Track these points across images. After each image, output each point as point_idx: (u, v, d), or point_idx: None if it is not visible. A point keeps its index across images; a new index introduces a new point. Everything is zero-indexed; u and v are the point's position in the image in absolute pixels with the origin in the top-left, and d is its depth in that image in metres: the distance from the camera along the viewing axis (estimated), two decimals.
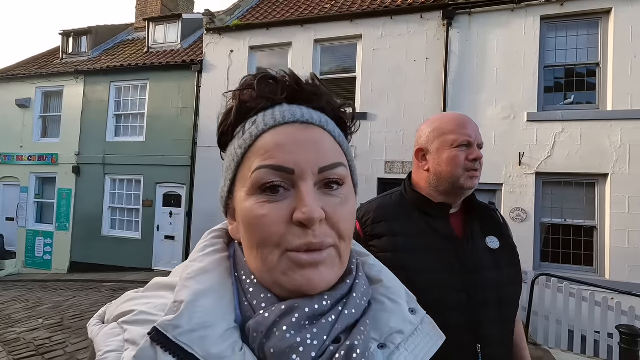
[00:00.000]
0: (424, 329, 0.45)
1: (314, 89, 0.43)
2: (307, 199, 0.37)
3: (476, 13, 6.46)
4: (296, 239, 0.37)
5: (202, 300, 0.37)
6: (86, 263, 9.11)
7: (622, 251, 5.54)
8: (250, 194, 0.39)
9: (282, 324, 0.36)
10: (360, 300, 0.42)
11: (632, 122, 5.60)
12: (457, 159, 1.00)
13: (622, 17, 5.73)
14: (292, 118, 0.40)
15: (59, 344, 4.15)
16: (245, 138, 0.40)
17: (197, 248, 0.45)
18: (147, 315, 0.38)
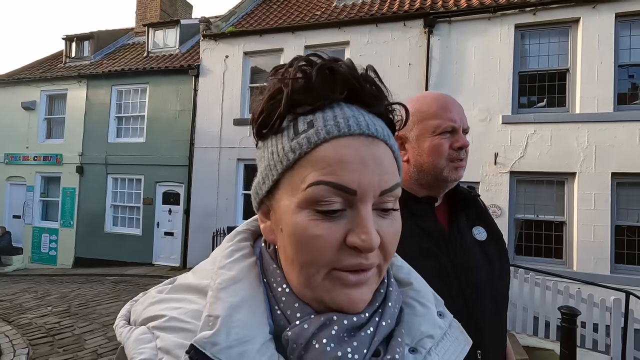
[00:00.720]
0: (452, 334, 0.45)
1: (375, 89, 0.39)
2: (368, 225, 0.35)
3: (455, 21, 6.87)
4: (347, 259, 0.35)
5: (237, 314, 0.36)
6: (90, 258, 9.57)
7: (588, 244, 5.96)
8: (302, 207, 0.36)
9: (321, 337, 0.35)
10: (394, 308, 0.41)
11: (598, 125, 6.00)
12: (441, 148, 0.88)
13: (589, 26, 6.12)
14: (357, 130, 0.36)
15: (67, 327, 4.60)
16: (301, 142, 0.36)
17: (224, 252, 0.42)
18: (179, 322, 0.37)
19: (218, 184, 8.41)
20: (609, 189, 5.92)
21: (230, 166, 8.37)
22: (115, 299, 6.00)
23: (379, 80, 0.40)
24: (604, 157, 5.97)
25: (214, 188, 8.43)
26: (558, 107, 6.38)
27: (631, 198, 5.95)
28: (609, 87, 5.99)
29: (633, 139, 5.85)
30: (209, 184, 8.47)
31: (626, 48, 6.06)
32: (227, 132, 8.41)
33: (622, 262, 5.93)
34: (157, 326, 0.38)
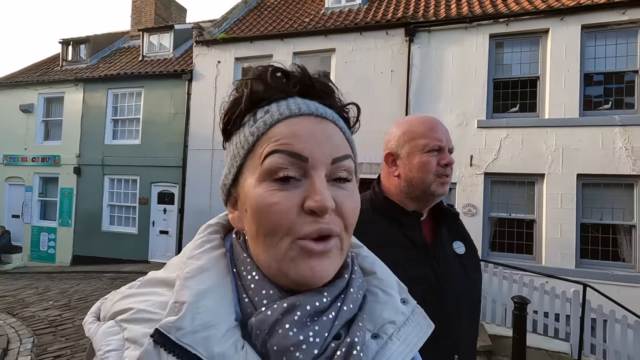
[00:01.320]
0: (414, 319, 0.46)
1: (324, 86, 0.43)
2: (320, 187, 0.37)
3: (434, 31, 7.25)
4: (307, 226, 0.37)
5: (203, 300, 0.37)
6: (87, 256, 9.91)
7: (555, 241, 6.39)
8: (261, 180, 0.39)
9: (284, 322, 0.36)
10: (357, 295, 0.43)
11: (565, 129, 6.42)
12: (429, 165, 0.97)
13: (558, 36, 6.53)
14: (307, 110, 0.40)
15: (68, 319, 4.97)
16: (258, 126, 0.40)
17: (193, 244, 0.44)
18: (146, 314, 0.39)
19: (211, 185, 8.78)
20: (574, 189, 6.35)
21: (223, 167, 8.72)
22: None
23: (330, 81, 0.44)
24: (570, 160, 6.39)
25: (207, 188, 8.79)
26: (529, 113, 6.79)
27: (595, 197, 6.38)
28: (575, 94, 6.41)
29: (596, 143, 6.27)
30: (202, 185, 8.83)
31: (591, 57, 6.48)
32: (220, 134, 8.54)
33: (587, 257, 6.37)
34: (124, 319, 0.39)
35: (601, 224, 6.33)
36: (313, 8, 9.69)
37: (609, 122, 6.23)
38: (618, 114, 6.24)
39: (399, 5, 8.33)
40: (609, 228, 6.30)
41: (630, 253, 6.18)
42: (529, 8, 6.79)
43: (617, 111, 6.30)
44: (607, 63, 6.42)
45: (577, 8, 6.42)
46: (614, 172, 6.19)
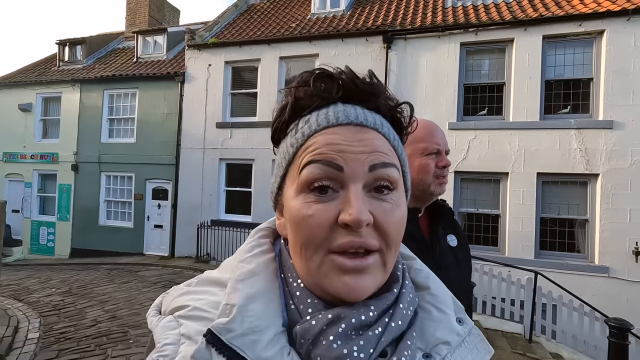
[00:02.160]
0: (471, 341, 0.44)
1: (370, 87, 0.42)
2: (355, 200, 0.36)
3: (410, 38, 7.78)
4: (339, 239, 0.36)
5: (252, 304, 0.38)
6: (85, 249, 10.41)
7: (517, 234, 6.99)
8: (298, 191, 0.39)
9: (329, 333, 0.36)
10: (407, 311, 0.41)
11: (526, 131, 6.99)
12: (428, 167, 1.02)
13: (521, 45, 7.08)
14: (345, 120, 0.40)
15: (70, 304, 5.49)
16: (297, 137, 0.40)
17: (245, 247, 0.45)
18: (200, 312, 0.40)
19: (202, 181, 9.29)
20: (534, 187, 6.94)
21: (213, 165, 9.25)
22: (110, 282, 6.90)
23: (377, 79, 0.43)
24: (531, 159, 6.97)
25: (199, 185, 9.30)
26: (495, 116, 7.35)
27: (553, 194, 6.97)
28: (537, 99, 6.97)
29: (555, 144, 6.85)
30: (194, 181, 9.34)
31: (552, 65, 7.04)
32: (211, 134, 9.26)
33: (545, 249, 6.98)
34: (181, 315, 0.41)
35: (558, 218, 6.93)
36: (300, 13, 10.16)
37: (565, 125, 6.80)
38: (574, 118, 6.82)
39: (379, 13, 8.83)
40: (565, 222, 6.90)
41: (583, 245, 6.79)
42: (496, 19, 7.33)
43: (574, 115, 6.88)
44: (565, 71, 6.99)
45: (539, 20, 6.96)
46: (570, 171, 6.78)
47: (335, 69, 0.42)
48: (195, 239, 8.95)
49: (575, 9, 6.99)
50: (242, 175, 9.13)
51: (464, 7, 8.21)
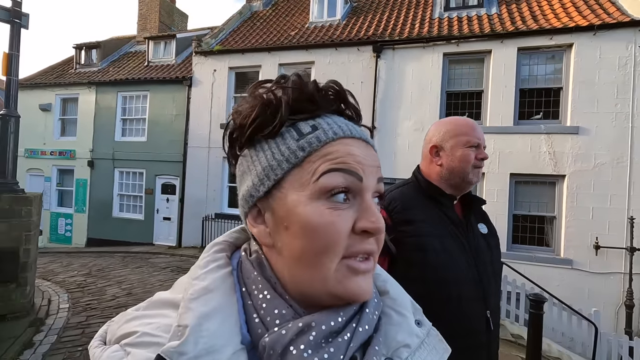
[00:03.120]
0: (430, 342, 0.45)
1: (356, 108, 0.45)
2: (374, 209, 0.39)
3: (398, 48, 8.45)
4: (356, 245, 0.38)
5: (206, 323, 0.36)
6: (100, 239, 11.32)
7: None
8: (314, 198, 0.38)
9: (299, 343, 0.35)
10: (372, 315, 0.42)
11: (501, 135, 7.65)
12: (469, 157, 1.14)
13: (498, 56, 7.72)
14: (357, 134, 0.42)
15: (92, 283, 6.34)
16: (310, 141, 0.39)
17: (199, 263, 0.43)
18: (150, 337, 0.38)
19: (207, 178, 10.10)
20: (507, 186, 7.61)
21: (218, 163, 10.04)
22: (125, 267, 7.75)
23: (356, 102, 0.45)
24: (505, 161, 7.63)
25: (204, 181, 10.11)
26: (475, 120, 7.99)
27: (524, 193, 7.64)
28: (511, 106, 7.62)
29: (526, 147, 7.50)
30: (200, 178, 10.15)
31: (525, 75, 7.67)
32: (215, 134, 10.05)
33: (517, 243, 7.65)
34: (129, 343, 0.39)
35: (529, 215, 7.60)
36: (299, 21, 10.87)
37: (536, 130, 7.45)
38: (544, 123, 7.46)
39: (372, 23, 9.51)
40: (535, 218, 7.57)
41: (551, 239, 7.45)
42: (476, 31, 7.97)
43: (544, 121, 7.52)
44: (537, 80, 7.62)
45: (515, 33, 7.59)
46: (540, 172, 7.43)
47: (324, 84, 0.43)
48: (200, 230, 9.78)
49: (549, 22, 7.61)
50: None
51: (449, 18, 8.85)
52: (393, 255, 1.07)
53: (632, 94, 6.89)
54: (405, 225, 1.10)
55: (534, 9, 8.36)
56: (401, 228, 1.09)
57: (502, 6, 8.77)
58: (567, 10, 7.92)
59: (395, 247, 1.06)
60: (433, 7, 9.53)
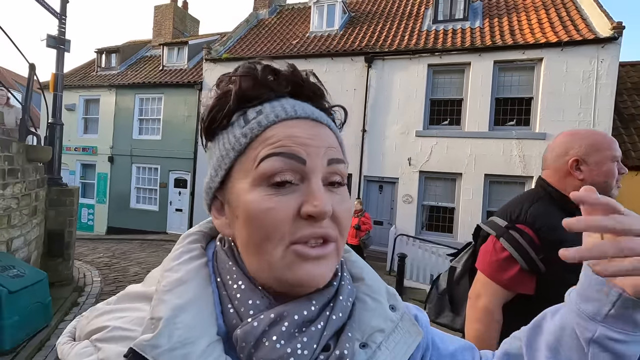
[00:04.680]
0: (403, 326, 0.45)
1: (315, 87, 0.43)
2: (319, 193, 0.37)
3: (387, 59, 9.32)
4: (302, 230, 0.36)
5: (181, 315, 0.35)
6: (119, 227, 12.51)
7: (468, 223, 8.54)
8: (255, 184, 0.37)
9: (271, 334, 0.35)
10: (346, 302, 0.42)
11: (478, 140, 8.50)
12: (614, 172, 1.10)
13: (476, 68, 8.54)
14: (303, 113, 0.39)
15: (116, 263, 7.45)
16: (251, 127, 0.39)
17: (171, 255, 0.42)
18: (122, 331, 0.37)
19: None
20: (482, 185, 8.47)
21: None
22: (142, 251, 8.87)
23: (319, 82, 0.44)
24: (480, 163, 8.49)
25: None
26: (454, 126, 8.87)
27: (498, 192, 8.49)
28: (487, 113, 8.45)
29: (500, 151, 8.34)
30: None
31: (501, 85, 8.48)
32: None
33: None
34: (99, 338, 0.37)
35: None
36: (301, 30, 11.79)
37: (509, 136, 8.28)
38: (516, 129, 8.28)
39: (366, 34, 10.38)
40: None
41: None
42: (458, 45, 8.79)
43: (516, 127, 8.34)
44: (511, 90, 8.43)
45: (491, 47, 8.40)
46: (511, 173, 8.28)
47: (280, 65, 0.42)
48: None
49: (525, 38, 8.40)
50: None
51: (436, 31, 9.67)
52: (542, 274, 1.06)
53: (594, 104, 7.66)
54: (557, 246, 1.29)
55: (513, 23, 9.13)
56: (552, 249, 1.03)
57: (485, 20, 9.55)
58: (542, 25, 8.67)
59: (545, 267, 1.06)
60: (423, 19, 10.36)
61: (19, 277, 3.44)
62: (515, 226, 1.11)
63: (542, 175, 1.24)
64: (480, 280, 1.15)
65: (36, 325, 3.60)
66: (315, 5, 11.33)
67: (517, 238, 1.09)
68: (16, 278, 3.40)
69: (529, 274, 1.07)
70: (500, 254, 1.11)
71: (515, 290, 1.10)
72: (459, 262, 1.42)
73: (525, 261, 1.06)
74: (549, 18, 8.88)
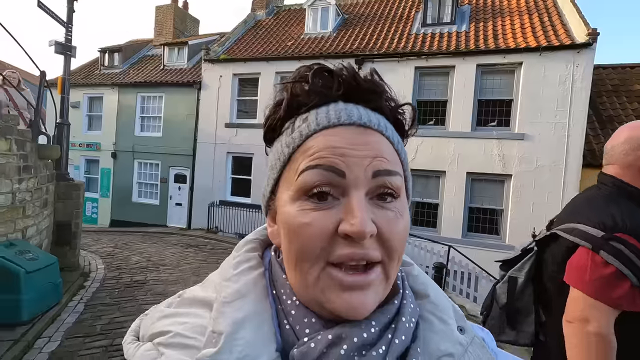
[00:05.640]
0: (474, 351, 0.41)
1: (372, 85, 0.40)
2: (358, 209, 0.33)
3: (376, 62, 9.76)
4: (339, 249, 0.34)
5: (241, 331, 0.35)
6: (121, 220, 13.08)
7: (450, 219, 9.03)
8: (295, 198, 0.36)
9: (330, 356, 0.33)
10: (409, 324, 0.38)
11: (461, 139, 8.95)
12: None
13: (460, 71, 8.96)
14: (348, 119, 0.37)
15: (119, 252, 7.99)
16: (294, 137, 0.37)
17: (230, 262, 0.42)
18: (183, 338, 0.37)
19: (213, 170, 11.67)
20: (464, 183, 8.93)
21: (222, 157, 11.59)
22: (144, 242, 9.41)
23: (379, 78, 0.41)
24: (463, 161, 8.94)
25: (210, 172, 11.69)
26: (439, 126, 9.31)
27: (479, 189, 8.95)
28: (470, 114, 8.89)
29: (481, 150, 8.79)
30: (207, 169, 11.73)
31: (483, 88, 8.91)
32: (220, 132, 11.58)
33: (472, 231, 9.00)
34: (162, 342, 0.38)
35: (482, 208, 8.92)
36: (296, 31, 12.22)
37: (490, 136, 8.73)
38: (496, 130, 8.73)
39: (357, 37, 10.81)
40: (487, 210, 8.90)
41: (500, 228, 8.78)
42: (443, 48, 9.21)
43: (497, 128, 8.78)
44: (493, 92, 8.86)
45: (474, 51, 8.82)
46: (491, 171, 8.73)
47: (335, 65, 0.40)
48: (207, 214, 11.39)
49: (506, 42, 8.81)
50: (244, 166, 11.45)
51: (424, 34, 10.09)
52: None
53: (570, 107, 8.09)
54: None
55: (497, 28, 9.53)
56: None
57: (472, 23, 9.95)
58: (525, 30, 9.08)
59: None
60: (413, 22, 10.78)
61: (33, 260, 3.96)
62: (615, 236, 0.99)
63: (607, 171, 1.15)
64: (581, 301, 1.01)
65: (49, 302, 4.13)
66: (309, 7, 11.75)
67: (622, 250, 0.97)
68: (31, 261, 3.92)
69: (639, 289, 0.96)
70: (603, 270, 0.99)
71: (628, 309, 0.98)
72: (520, 271, 1.30)
73: (636, 276, 0.95)
74: (532, 23, 9.27)
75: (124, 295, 5.21)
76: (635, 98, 9.47)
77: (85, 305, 4.67)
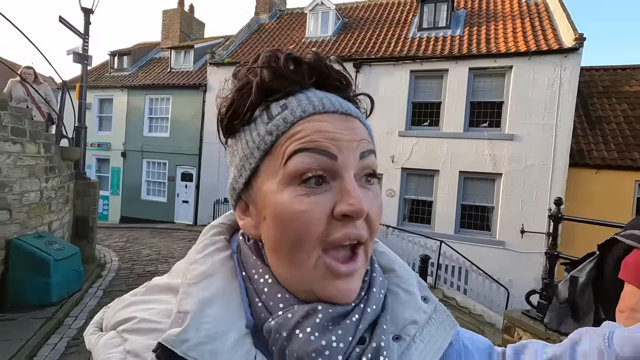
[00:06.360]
0: (438, 317, 0.43)
1: (341, 75, 0.41)
2: (353, 189, 0.34)
3: (374, 65, 10.18)
4: (336, 231, 0.34)
5: (208, 309, 0.34)
6: (131, 217, 13.67)
7: (444, 215, 9.46)
8: (285, 184, 0.35)
9: (305, 326, 0.34)
10: (379, 294, 0.40)
11: (454, 140, 9.35)
12: None
13: (453, 74, 9.36)
14: (332, 107, 0.37)
15: (130, 246, 8.55)
16: (277, 123, 0.36)
17: (196, 247, 0.41)
18: (149, 323, 0.37)
19: (219, 168, 12.19)
20: (457, 181, 9.34)
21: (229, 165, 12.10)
22: (153, 237, 9.97)
23: (344, 69, 0.41)
24: (456, 161, 9.35)
25: (216, 171, 12.21)
26: (434, 127, 9.73)
27: (471, 187, 9.36)
28: (462, 115, 9.28)
29: (473, 150, 9.19)
30: (213, 168, 12.26)
31: (475, 90, 9.30)
32: None
33: (464, 227, 9.42)
34: (126, 329, 0.37)
35: (474, 205, 9.34)
36: (298, 35, 12.67)
37: (481, 137, 9.12)
38: (487, 130, 9.12)
39: (356, 41, 11.23)
40: (478, 208, 9.31)
41: (490, 225, 9.19)
42: (438, 52, 9.61)
43: (488, 129, 9.18)
44: (485, 95, 9.25)
45: (467, 55, 9.21)
46: (483, 170, 9.14)
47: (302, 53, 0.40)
48: (213, 211, 11.93)
49: (498, 47, 9.19)
50: None
51: (420, 38, 10.49)
52: None
53: (557, 109, 8.46)
54: None
55: (490, 32, 9.90)
56: None
57: (466, 28, 10.33)
58: (516, 34, 9.44)
59: None
60: (410, 26, 11.17)
61: (60, 250, 4.49)
62: None
63: None
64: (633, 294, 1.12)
65: (73, 287, 4.67)
66: (310, 12, 12.19)
67: None
68: (58, 250, 4.45)
69: None
70: None
71: None
72: (582, 272, 1.41)
73: None
74: (523, 27, 9.63)
75: (138, 283, 5.68)
76: (624, 99, 9.81)
77: (104, 291, 5.22)
